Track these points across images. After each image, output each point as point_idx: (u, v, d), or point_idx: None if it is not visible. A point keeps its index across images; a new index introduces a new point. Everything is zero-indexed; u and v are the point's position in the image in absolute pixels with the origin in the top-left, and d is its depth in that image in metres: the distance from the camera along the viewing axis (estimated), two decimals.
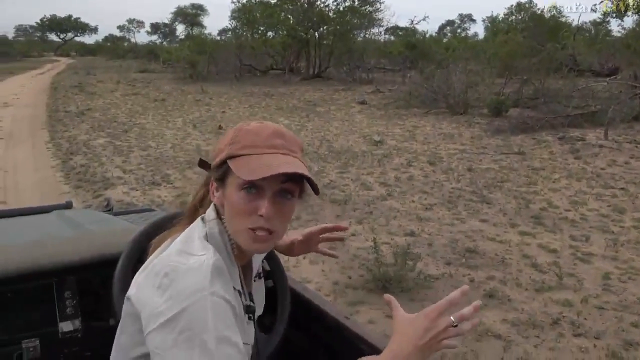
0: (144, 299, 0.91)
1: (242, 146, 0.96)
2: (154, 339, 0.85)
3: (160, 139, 10.50)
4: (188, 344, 0.82)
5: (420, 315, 0.92)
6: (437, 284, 4.12)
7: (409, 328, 0.91)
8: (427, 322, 0.90)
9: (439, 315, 0.90)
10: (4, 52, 52.30)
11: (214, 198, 1.02)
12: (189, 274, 0.88)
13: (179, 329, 0.83)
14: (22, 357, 1.38)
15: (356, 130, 11.79)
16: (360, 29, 28.31)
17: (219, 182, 1.00)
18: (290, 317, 1.47)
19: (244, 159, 0.95)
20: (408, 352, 0.89)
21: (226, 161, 0.96)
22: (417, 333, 0.90)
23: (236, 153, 0.96)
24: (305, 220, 5.56)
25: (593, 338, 3.39)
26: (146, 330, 0.87)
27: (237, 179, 0.95)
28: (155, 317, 0.86)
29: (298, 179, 0.97)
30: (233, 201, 0.96)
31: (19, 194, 6.74)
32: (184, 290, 0.86)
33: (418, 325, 0.90)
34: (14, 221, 2.23)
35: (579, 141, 9.95)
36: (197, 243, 0.96)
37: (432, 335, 0.90)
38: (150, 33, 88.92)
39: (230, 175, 0.97)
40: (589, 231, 5.36)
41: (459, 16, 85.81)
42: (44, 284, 1.42)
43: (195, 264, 0.90)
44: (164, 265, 0.92)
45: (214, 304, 0.86)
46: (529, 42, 18.00)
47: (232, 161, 0.95)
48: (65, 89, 21.35)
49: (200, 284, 0.87)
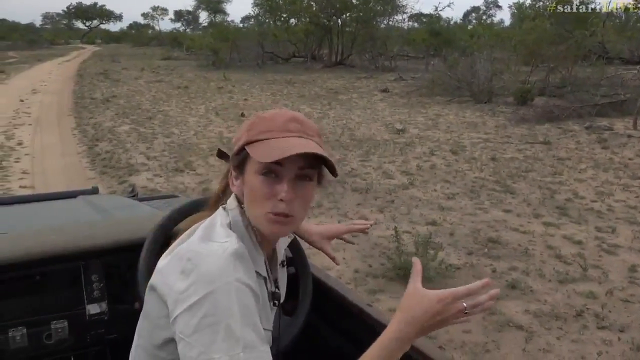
0: (169, 284, 0.92)
1: (258, 132, 0.97)
2: (179, 323, 0.86)
3: (184, 126, 10.59)
4: (212, 328, 0.83)
5: (433, 297, 0.89)
6: (458, 273, 4.10)
7: (418, 307, 0.90)
8: (440, 307, 0.89)
9: (454, 301, 0.89)
10: (32, 40, 53.27)
11: (234, 187, 1.02)
12: (211, 259, 0.89)
13: (203, 313, 0.84)
14: (51, 338, 1.42)
15: (378, 118, 11.72)
16: (384, 16, 28.03)
17: (238, 169, 1.00)
18: (312, 304, 1.48)
19: (261, 144, 0.95)
20: (411, 332, 0.89)
21: (244, 148, 0.97)
22: (426, 315, 0.89)
23: (253, 139, 0.96)
24: (327, 208, 5.56)
25: (617, 331, 3.34)
26: (172, 315, 0.88)
27: (255, 164, 0.95)
28: (181, 302, 0.87)
29: (315, 164, 0.97)
30: (252, 186, 0.96)
31: (47, 179, 6.88)
32: (207, 275, 0.87)
33: (428, 307, 0.89)
34: (42, 205, 2.28)
35: (606, 131, 9.73)
36: (220, 230, 0.97)
37: (441, 319, 0.89)
38: (174, 20, 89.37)
39: (249, 162, 0.97)
40: (615, 222, 5.26)
41: (485, 2, 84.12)
42: (71, 267, 1.45)
43: (218, 250, 0.91)
44: (187, 251, 0.93)
45: (238, 290, 0.86)
46: (557, 29, 17.60)
47: (250, 147, 0.96)
48: (91, 76, 21.64)
49: (224, 269, 0.87)
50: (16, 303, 1.40)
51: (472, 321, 3.72)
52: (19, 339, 1.38)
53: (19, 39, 52.47)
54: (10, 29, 62.91)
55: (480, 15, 77.16)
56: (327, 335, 1.58)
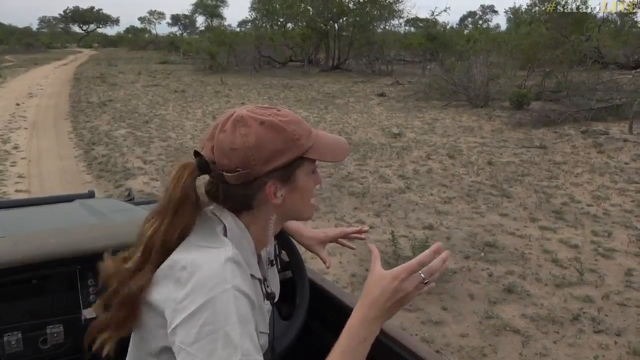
0: (164, 295, 0.90)
1: (306, 137, 1.00)
2: (179, 334, 0.84)
3: (180, 130, 10.58)
4: (212, 337, 0.82)
5: (387, 276, 0.90)
6: (455, 277, 4.10)
7: (376, 289, 0.90)
8: (397, 283, 0.89)
9: (408, 276, 0.90)
10: (29, 44, 53.16)
11: (277, 200, 0.99)
12: (207, 267, 0.88)
13: (202, 321, 0.83)
14: (47, 342, 1.41)
15: (375, 122, 11.74)
16: (380, 21, 28.07)
17: (285, 180, 1.00)
18: (310, 307, 1.48)
19: (316, 147, 1.01)
20: (375, 314, 0.90)
21: (300, 157, 0.99)
22: (384, 295, 0.90)
23: (308, 145, 1.00)
24: (324, 212, 5.56)
25: (614, 335, 3.35)
26: (171, 326, 0.86)
27: (309, 166, 1.02)
28: (179, 312, 0.85)
29: None
30: (308, 187, 1.03)
31: (43, 182, 6.86)
32: (204, 283, 0.86)
33: (386, 286, 0.90)
34: (38, 209, 2.27)
35: (602, 135, 9.77)
36: (213, 237, 0.95)
37: (402, 296, 0.90)
38: (171, 24, 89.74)
39: (301, 168, 1.01)
40: (611, 226, 5.28)
41: (481, 7, 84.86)
42: (67, 271, 1.45)
43: (213, 257, 0.90)
44: (180, 260, 0.91)
45: (236, 297, 0.86)
46: (553, 33, 17.67)
47: (310, 152, 1.00)
48: (88, 79, 21.62)
49: (221, 277, 0.86)
50: (12, 307, 1.39)
51: (432, 291, 3.72)
52: (14, 344, 1.37)
53: (15, 43, 52.37)
54: (7, 32, 62.75)
55: (477, 20, 77.65)
56: (324, 339, 1.58)
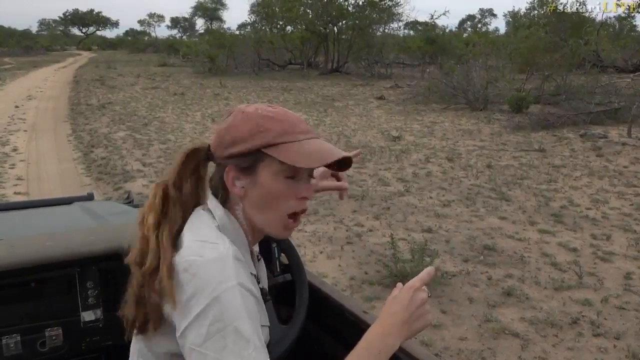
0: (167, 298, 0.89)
1: (276, 134, 0.93)
2: (189, 336, 0.84)
3: (180, 133, 10.58)
4: (221, 334, 0.82)
5: (403, 288, 0.94)
6: (454, 281, 4.09)
7: (395, 304, 0.93)
8: (411, 293, 0.92)
9: (422, 285, 0.94)
10: (28, 46, 53.29)
11: (235, 188, 0.97)
12: (209, 266, 0.86)
13: (210, 320, 0.82)
14: (45, 345, 1.41)
15: (374, 125, 11.74)
16: (380, 24, 28.11)
17: (244, 171, 0.96)
18: (308, 311, 1.48)
19: (287, 147, 0.93)
20: (392, 327, 0.91)
21: (259, 150, 0.93)
22: (402, 305, 0.92)
23: (273, 141, 0.93)
24: (323, 215, 5.56)
25: (613, 338, 3.34)
26: (179, 329, 0.86)
27: (275, 167, 0.93)
28: (186, 314, 0.85)
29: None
30: (271, 189, 0.94)
31: (42, 185, 6.86)
32: (209, 283, 0.85)
33: (402, 297, 0.92)
34: (37, 212, 2.27)
35: (601, 139, 9.78)
36: (209, 235, 0.93)
37: (416, 306, 0.92)
38: (170, 27, 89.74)
39: (264, 164, 0.94)
40: (610, 230, 5.28)
41: (480, 11, 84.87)
42: (66, 274, 1.45)
43: (214, 255, 0.88)
44: (180, 262, 0.89)
45: (242, 294, 0.86)
46: (551, 37, 17.72)
47: (273, 149, 0.92)
48: (87, 82, 21.62)
49: (225, 274, 0.86)
50: (10, 310, 1.39)
51: (431, 294, 3.72)
52: (13, 347, 1.37)
53: (15, 45, 52.49)
54: (6, 35, 62.77)
55: (476, 24, 77.88)
56: (323, 343, 1.58)
